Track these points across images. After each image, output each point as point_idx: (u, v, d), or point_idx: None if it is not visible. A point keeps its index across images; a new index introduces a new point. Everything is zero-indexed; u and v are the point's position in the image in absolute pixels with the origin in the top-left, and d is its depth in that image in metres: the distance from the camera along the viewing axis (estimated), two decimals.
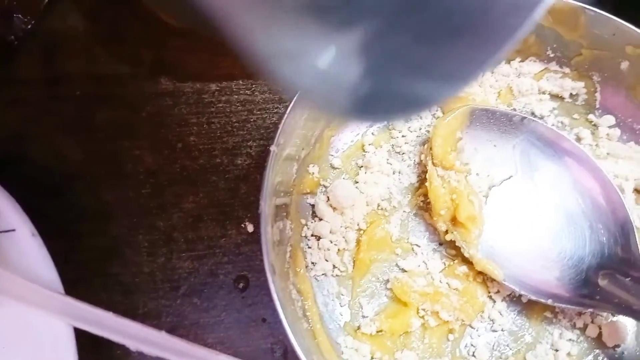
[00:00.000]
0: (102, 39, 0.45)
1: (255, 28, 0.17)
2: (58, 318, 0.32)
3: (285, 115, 0.35)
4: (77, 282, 0.34)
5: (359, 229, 0.38)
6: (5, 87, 0.44)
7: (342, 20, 0.16)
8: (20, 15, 0.46)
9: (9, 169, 0.41)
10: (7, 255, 0.35)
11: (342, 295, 0.37)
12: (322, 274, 0.37)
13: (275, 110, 0.43)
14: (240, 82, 0.44)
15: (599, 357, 0.37)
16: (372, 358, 0.36)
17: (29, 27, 0.46)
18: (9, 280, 0.34)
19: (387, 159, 0.40)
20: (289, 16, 0.17)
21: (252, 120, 0.43)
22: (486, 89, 0.42)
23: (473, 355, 0.36)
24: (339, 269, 0.37)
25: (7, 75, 0.44)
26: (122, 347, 0.35)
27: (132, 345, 0.30)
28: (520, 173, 0.39)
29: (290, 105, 0.35)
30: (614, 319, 0.37)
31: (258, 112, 0.43)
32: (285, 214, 0.37)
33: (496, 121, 0.39)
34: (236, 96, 0.44)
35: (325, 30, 0.17)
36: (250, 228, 0.40)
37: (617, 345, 0.36)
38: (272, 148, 0.34)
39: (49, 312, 0.32)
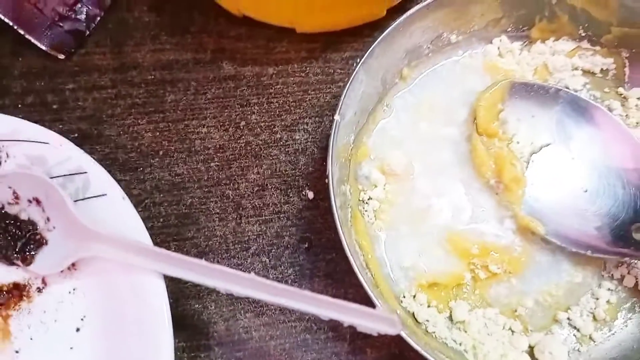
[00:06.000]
0: (166, 29, 0.50)
1: None
2: (153, 268, 0.36)
3: (347, 87, 0.39)
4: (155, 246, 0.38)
5: None
6: (82, 74, 0.48)
7: None
8: (90, 8, 0.50)
9: (87, 146, 0.45)
10: (100, 218, 0.39)
11: (400, 250, 0.41)
12: (379, 232, 0.41)
13: (328, 90, 0.47)
14: (295, 65, 0.48)
15: (635, 305, 0.40)
16: (428, 306, 0.39)
17: (99, 19, 0.50)
18: (105, 239, 0.38)
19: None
20: None
21: (307, 99, 0.47)
22: (523, 66, 0.45)
23: (520, 305, 0.40)
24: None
25: (83, 64, 0.49)
26: (200, 301, 0.39)
27: (222, 287, 0.34)
28: (557, 140, 0.43)
29: (350, 80, 0.39)
30: None
31: (312, 92, 0.47)
32: (345, 179, 0.41)
33: (534, 93, 0.43)
34: (292, 78, 0.48)
35: None
36: (310, 195, 0.44)
37: None
38: (336, 117, 0.38)
39: (145, 263, 0.36)
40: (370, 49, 0.40)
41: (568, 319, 0.40)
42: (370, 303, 0.34)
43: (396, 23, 0.41)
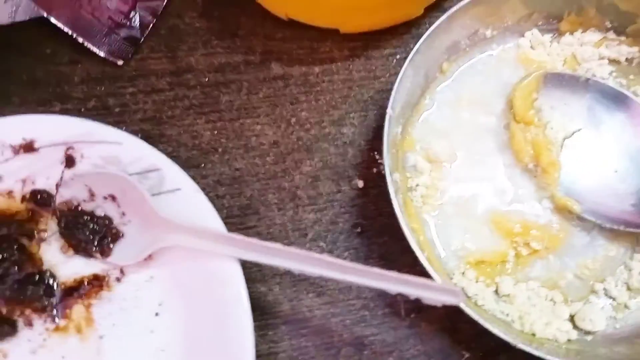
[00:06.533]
0: (216, 33, 0.53)
1: None
2: (230, 253, 0.40)
3: (397, 82, 0.42)
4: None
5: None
6: (140, 78, 0.52)
7: None
8: (143, 15, 0.54)
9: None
10: (176, 210, 0.43)
11: (448, 231, 0.44)
12: (428, 216, 0.45)
13: (371, 86, 0.51)
14: (339, 63, 0.52)
15: None
16: (476, 281, 0.43)
17: (151, 26, 0.54)
18: (183, 229, 0.41)
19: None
20: None
21: (352, 95, 0.51)
22: (553, 57, 0.49)
23: (560, 278, 0.43)
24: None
25: (140, 68, 0.52)
26: (266, 284, 0.43)
27: (297, 267, 0.38)
28: (588, 125, 0.46)
29: (400, 76, 0.43)
30: None
31: (357, 88, 0.51)
32: (395, 168, 0.45)
33: (566, 83, 0.47)
34: (337, 76, 0.51)
35: None
36: (360, 184, 0.48)
37: None
38: (389, 111, 0.42)
39: (222, 249, 0.40)
40: (416, 47, 0.43)
41: (604, 289, 0.43)
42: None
43: (438, 22, 0.44)
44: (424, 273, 0.39)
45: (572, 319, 0.42)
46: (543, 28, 0.49)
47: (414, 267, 0.40)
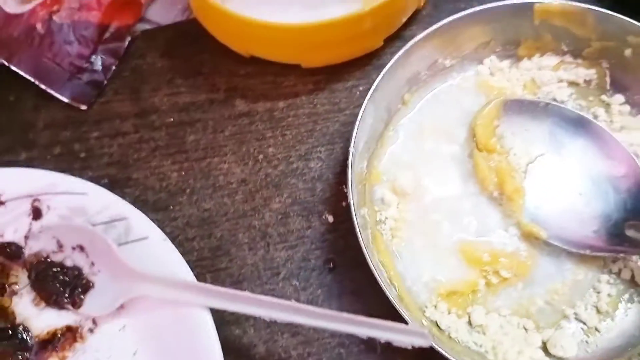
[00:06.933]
0: (179, 72, 0.53)
1: None
2: (199, 302, 0.40)
3: (358, 122, 0.43)
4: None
5: None
6: (104, 121, 0.52)
7: None
8: (105, 58, 0.53)
9: (116, 191, 0.48)
10: (144, 259, 0.42)
11: (418, 264, 0.45)
12: (397, 248, 0.45)
13: (336, 118, 0.51)
14: (304, 97, 0.52)
15: (633, 295, 0.44)
16: (449, 313, 0.43)
17: (114, 68, 0.54)
18: (151, 279, 0.41)
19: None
20: None
21: (317, 129, 0.51)
22: (513, 82, 0.49)
23: (531, 304, 0.44)
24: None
25: (104, 112, 0.52)
26: (240, 327, 0.43)
27: (266, 314, 0.38)
28: (550, 150, 0.47)
29: (360, 114, 0.43)
30: None
31: (322, 122, 0.51)
32: (362, 202, 0.45)
33: (526, 109, 0.47)
34: (301, 110, 0.52)
35: None
36: (330, 219, 0.48)
37: None
38: (351, 150, 0.42)
39: (190, 298, 0.40)
40: (375, 84, 0.44)
41: (575, 313, 0.43)
42: (398, 316, 0.38)
43: (396, 57, 0.45)
44: (395, 310, 0.39)
45: (544, 346, 0.43)
46: (501, 54, 0.50)
47: (386, 304, 0.40)
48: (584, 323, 0.43)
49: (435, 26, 0.46)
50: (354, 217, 0.41)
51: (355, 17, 0.46)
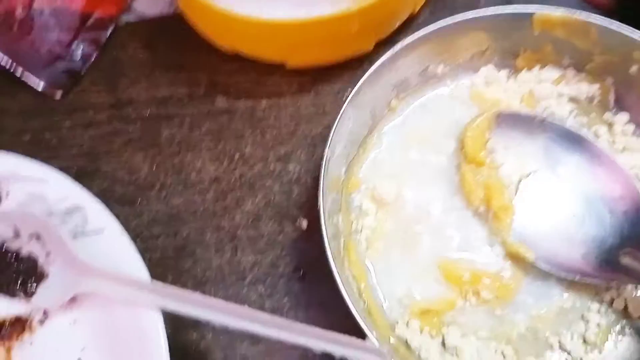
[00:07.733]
0: (160, 66, 0.51)
1: None
2: (149, 303, 0.37)
3: (335, 124, 0.40)
4: (153, 279, 0.39)
5: None
6: (78, 111, 0.50)
7: None
8: (85, 47, 0.51)
9: (84, 182, 0.45)
10: (99, 253, 0.40)
11: (392, 278, 0.41)
12: (372, 260, 0.42)
13: (320, 122, 0.49)
14: (287, 98, 0.49)
15: (625, 327, 0.41)
16: (421, 332, 0.40)
17: (94, 58, 0.52)
18: (103, 275, 0.39)
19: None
20: None
21: (299, 131, 0.48)
22: (510, 94, 0.46)
23: (512, 330, 0.40)
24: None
25: (78, 101, 0.50)
26: (198, 330, 0.40)
27: (218, 320, 0.35)
28: (544, 167, 0.44)
29: (338, 117, 0.40)
30: (639, 293, 0.41)
31: (305, 124, 0.49)
32: (338, 210, 0.42)
33: (520, 123, 0.44)
34: (284, 111, 0.49)
35: None
36: (304, 225, 0.45)
37: None
38: (326, 152, 0.39)
39: (141, 298, 0.37)
40: (357, 87, 0.41)
41: (559, 342, 0.40)
42: (363, 332, 0.35)
43: (382, 60, 0.42)
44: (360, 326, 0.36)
45: None
46: (498, 64, 0.47)
47: (353, 318, 0.37)
48: (569, 353, 0.40)
49: (425, 31, 0.43)
50: (323, 224, 0.38)
51: (343, 16, 0.44)
